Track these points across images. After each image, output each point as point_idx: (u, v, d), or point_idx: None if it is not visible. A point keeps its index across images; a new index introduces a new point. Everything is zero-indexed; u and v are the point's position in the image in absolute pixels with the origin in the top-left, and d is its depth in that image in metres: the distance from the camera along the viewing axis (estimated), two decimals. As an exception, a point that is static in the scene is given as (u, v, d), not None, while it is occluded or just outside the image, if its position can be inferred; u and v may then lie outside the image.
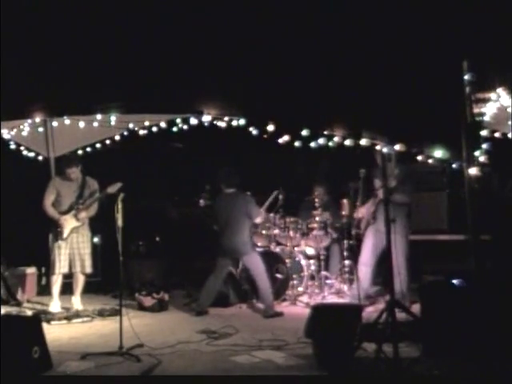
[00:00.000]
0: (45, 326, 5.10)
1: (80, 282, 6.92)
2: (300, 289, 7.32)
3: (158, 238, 9.03)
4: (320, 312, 4.75)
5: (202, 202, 7.93)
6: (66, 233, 6.75)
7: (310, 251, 7.64)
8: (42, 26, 5.15)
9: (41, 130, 7.68)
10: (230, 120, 5.47)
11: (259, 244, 7.59)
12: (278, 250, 7.47)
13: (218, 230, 6.91)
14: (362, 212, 6.70)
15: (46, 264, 6.91)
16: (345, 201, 7.10)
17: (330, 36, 4.81)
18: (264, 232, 7.56)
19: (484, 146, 4.39)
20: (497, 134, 5.42)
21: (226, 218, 6.69)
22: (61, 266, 6.75)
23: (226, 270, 6.85)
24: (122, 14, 5.09)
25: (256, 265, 6.69)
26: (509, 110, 4.95)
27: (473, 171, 4.34)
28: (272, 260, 7.23)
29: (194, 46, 5.01)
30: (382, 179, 5.14)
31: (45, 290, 7.60)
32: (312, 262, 7.49)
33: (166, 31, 5.04)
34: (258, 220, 6.91)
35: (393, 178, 5.98)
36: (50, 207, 6.83)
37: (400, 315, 4.62)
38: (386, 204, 4.72)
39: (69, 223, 6.78)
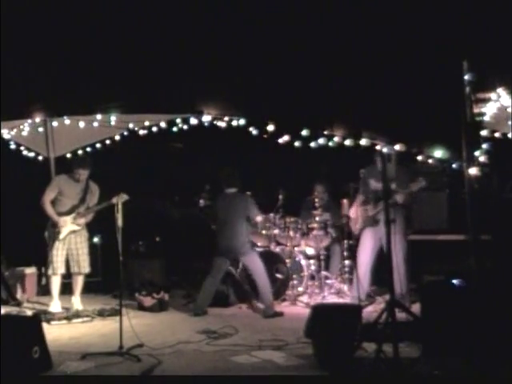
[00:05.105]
0: (45, 325, 5.10)
1: (79, 282, 6.91)
2: (300, 289, 7.32)
3: (158, 238, 9.03)
4: (320, 312, 4.74)
5: (201, 202, 7.93)
6: (63, 234, 6.73)
7: (310, 251, 7.64)
8: (41, 25, 5.16)
9: (41, 129, 7.68)
10: (230, 120, 5.48)
11: (259, 244, 7.59)
12: (278, 250, 7.47)
13: (216, 229, 6.90)
14: (354, 212, 6.71)
15: (45, 264, 6.90)
16: (345, 201, 7.10)
17: (331, 36, 4.81)
18: (264, 232, 7.55)
19: (484, 145, 4.39)
20: (497, 134, 5.41)
21: (226, 217, 6.69)
22: (58, 267, 6.74)
23: (224, 270, 6.82)
24: (122, 14, 5.09)
25: (255, 265, 6.69)
26: (509, 109, 4.94)
27: (473, 171, 4.34)
28: (272, 260, 7.23)
29: (194, 46, 5.01)
30: (381, 180, 5.13)
31: (45, 290, 7.60)
32: (312, 261, 7.49)
33: (165, 31, 5.05)
34: (258, 219, 6.90)
35: (392, 179, 5.98)
36: (49, 205, 6.73)
37: (400, 315, 4.62)
38: (386, 204, 4.72)
39: (67, 225, 6.74)
